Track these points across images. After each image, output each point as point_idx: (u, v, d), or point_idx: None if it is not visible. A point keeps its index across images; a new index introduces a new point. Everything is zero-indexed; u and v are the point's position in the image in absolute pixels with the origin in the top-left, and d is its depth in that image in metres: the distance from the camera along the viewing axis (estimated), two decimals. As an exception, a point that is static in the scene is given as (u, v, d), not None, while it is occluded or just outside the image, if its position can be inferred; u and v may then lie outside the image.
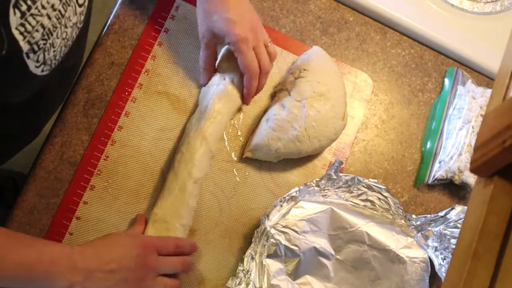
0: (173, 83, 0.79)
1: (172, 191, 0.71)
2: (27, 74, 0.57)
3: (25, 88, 0.62)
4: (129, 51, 0.79)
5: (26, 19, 0.52)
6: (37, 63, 0.57)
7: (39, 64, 0.58)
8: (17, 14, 0.51)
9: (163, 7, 0.81)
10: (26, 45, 0.54)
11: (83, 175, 0.74)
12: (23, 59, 0.55)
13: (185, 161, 0.72)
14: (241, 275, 0.71)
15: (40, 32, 0.55)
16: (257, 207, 0.78)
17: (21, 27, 0.52)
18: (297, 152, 0.77)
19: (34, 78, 0.59)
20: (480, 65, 0.90)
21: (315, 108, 0.75)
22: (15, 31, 0.51)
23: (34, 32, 0.54)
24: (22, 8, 0.51)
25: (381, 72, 0.88)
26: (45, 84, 0.65)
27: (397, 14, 0.89)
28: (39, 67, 0.58)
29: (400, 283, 0.76)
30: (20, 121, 0.72)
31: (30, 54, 0.55)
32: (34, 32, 0.54)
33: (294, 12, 0.86)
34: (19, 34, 0.52)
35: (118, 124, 0.76)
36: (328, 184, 0.76)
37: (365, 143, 0.85)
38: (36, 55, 0.56)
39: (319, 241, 0.75)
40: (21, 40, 0.52)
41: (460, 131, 0.83)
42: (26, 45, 0.53)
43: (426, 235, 0.78)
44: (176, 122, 0.78)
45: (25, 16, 0.52)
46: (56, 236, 0.72)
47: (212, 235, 0.76)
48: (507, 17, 0.93)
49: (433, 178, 0.83)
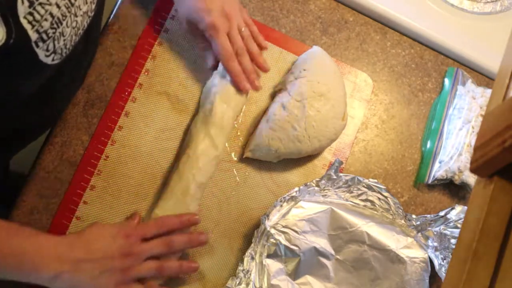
0: (173, 83, 0.79)
1: (174, 193, 0.71)
2: (37, 63, 0.57)
3: (36, 77, 0.62)
4: (129, 51, 0.79)
5: (35, 8, 0.52)
6: (47, 52, 0.57)
7: (49, 53, 0.58)
8: (25, 3, 0.51)
9: (163, 7, 0.81)
10: (35, 34, 0.53)
11: (83, 175, 0.74)
12: (32, 48, 0.55)
13: (190, 164, 0.71)
14: (241, 275, 0.71)
15: (49, 21, 0.55)
16: (257, 207, 0.78)
17: (29, 16, 0.52)
18: (297, 152, 0.77)
19: (44, 67, 0.59)
20: (480, 65, 0.90)
21: (315, 108, 0.75)
22: (23, 20, 0.51)
23: (43, 21, 0.54)
24: None
25: (381, 72, 0.88)
26: (58, 72, 0.65)
27: (397, 14, 0.89)
28: (49, 56, 0.58)
29: (400, 283, 0.76)
30: (34, 110, 0.72)
31: (40, 43, 0.55)
32: (43, 21, 0.54)
33: (294, 12, 0.86)
34: (27, 23, 0.52)
35: (118, 124, 0.76)
36: (328, 184, 0.76)
37: (365, 143, 0.85)
38: (46, 44, 0.56)
39: (319, 241, 0.75)
40: (30, 29, 0.53)
41: (460, 131, 0.83)
42: (34, 34, 0.53)
43: (426, 235, 0.78)
44: (176, 122, 0.78)
45: (34, 5, 0.52)
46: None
47: (212, 235, 0.76)
48: (507, 17, 0.93)
49: (433, 178, 0.83)
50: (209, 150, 0.72)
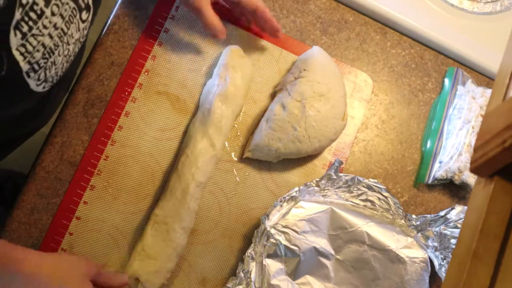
0: (173, 83, 0.79)
1: (174, 193, 0.71)
2: (27, 92, 0.57)
3: (25, 103, 0.61)
4: (129, 51, 0.79)
5: (27, 40, 0.51)
6: (38, 81, 0.57)
7: (40, 82, 0.57)
8: (18, 35, 0.50)
9: (163, 7, 0.81)
10: (26, 65, 0.53)
11: (83, 175, 0.74)
12: (23, 78, 0.54)
13: (189, 164, 0.72)
14: (241, 275, 0.71)
15: (41, 52, 0.54)
16: (257, 207, 0.78)
17: (22, 48, 0.51)
18: (297, 152, 0.77)
19: (34, 94, 0.58)
20: (480, 65, 0.90)
21: (315, 108, 0.75)
22: (15, 52, 0.50)
23: (35, 52, 0.53)
24: (23, 29, 0.50)
25: (381, 72, 0.88)
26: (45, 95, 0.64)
27: (397, 14, 0.89)
28: (40, 85, 0.58)
29: (400, 283, 0.76)
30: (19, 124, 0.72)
31: (31, 73, 0.54)
32: (35, 52, 0.53)
33: (294, 12, 0.86)
34: (19, 55, 0.51)
35: (118, 124, 0.76)
36: (328, 184, 0.76)
37: (365, 143, 0.85)
38: (37, 74, 0.55)
39: (319, 241, 0.75)
40: (22, 61, 0.52)
41: (460, 131, 0.83)
42: (26, 65, 0.53)
43: (426, 235, 0.78)
44: (176, 122, 0.78)
45: (26, 37, 0.51)
46: (56, 236, 0.72)
47: (212, 235, 0.76)
48: (507, 17, 0.93)
49: (433, 178, 0.83)
50: (207, 150, 0.72)
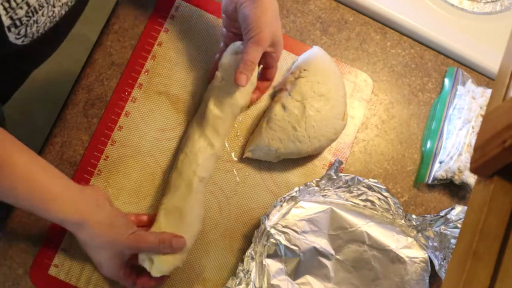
0: (173, 83, 0.79)
1: (178, 187, 0.71)
2: (5, 43, 0.58)
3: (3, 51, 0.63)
4: (129, 51, 0.79)
5: None
6: (18, 36, 0.58)
7: (20, 37, 0.59)
8: None
9: (163, 7, 0.81)
10: (8, 20, 0.55)
11: (83, 175, 0.74)
12: (4, 31, 0.56)
13: (189, 162, 0.72)
14: (241, 275, 0.71)
15: (24, 10, 0.55)
16: (257, 207, 0.78)
17: (5, 3, 0.53)
18: (297, 152, 0.77)
19: (12, 46, 0.60)
20: (480, 65, 0.90)
21: (315, 108, 0.75)
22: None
23: (17, 9, 0.54)
24: None
25: (381, 72, 0.88)
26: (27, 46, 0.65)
27: (397, 14, 0.89)
28: (19, 39, 0.59)
29: (400, 283, 0.76)
30: None
31: (12, 28, 0.56)
32: (17, 9, 0.54)
33: (294, 12, 0.86)
34: (2, 9, 0.53)
35: (118, 124, 0.76)
36: (328, 184, 0.76)
37: (365, 143, 0.85)
38: (18, 29, 0.57)
39: (319, 241, 0.75)
40: (4, 15, 0.54)
41: (460, 131, 0.83)
42: (8, 20, 0.54)
43: (426, 235, 0.78)
44: (176, 122, 0.78)
45: None
46: (56, 235, 0.72)
47: (212, 235, 0.76)
48: (507, 17, 0.94)
49: (433, 178, 0.83)
50: (206, 149, 0.72)
